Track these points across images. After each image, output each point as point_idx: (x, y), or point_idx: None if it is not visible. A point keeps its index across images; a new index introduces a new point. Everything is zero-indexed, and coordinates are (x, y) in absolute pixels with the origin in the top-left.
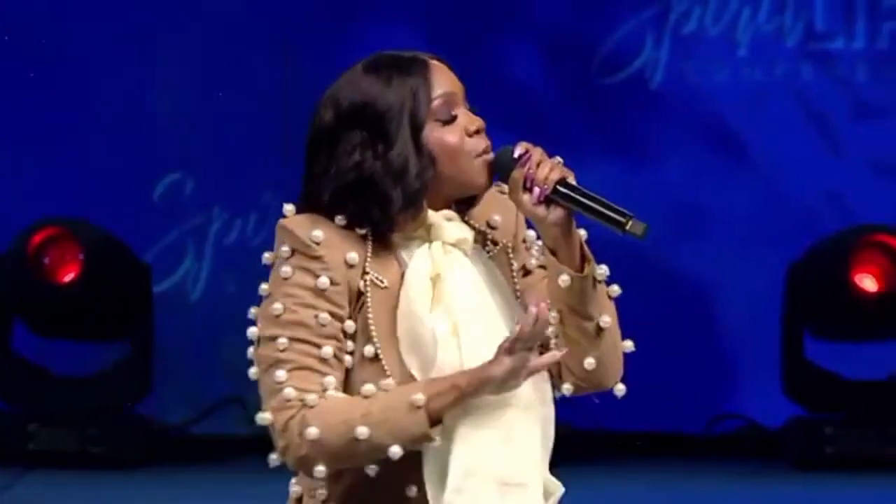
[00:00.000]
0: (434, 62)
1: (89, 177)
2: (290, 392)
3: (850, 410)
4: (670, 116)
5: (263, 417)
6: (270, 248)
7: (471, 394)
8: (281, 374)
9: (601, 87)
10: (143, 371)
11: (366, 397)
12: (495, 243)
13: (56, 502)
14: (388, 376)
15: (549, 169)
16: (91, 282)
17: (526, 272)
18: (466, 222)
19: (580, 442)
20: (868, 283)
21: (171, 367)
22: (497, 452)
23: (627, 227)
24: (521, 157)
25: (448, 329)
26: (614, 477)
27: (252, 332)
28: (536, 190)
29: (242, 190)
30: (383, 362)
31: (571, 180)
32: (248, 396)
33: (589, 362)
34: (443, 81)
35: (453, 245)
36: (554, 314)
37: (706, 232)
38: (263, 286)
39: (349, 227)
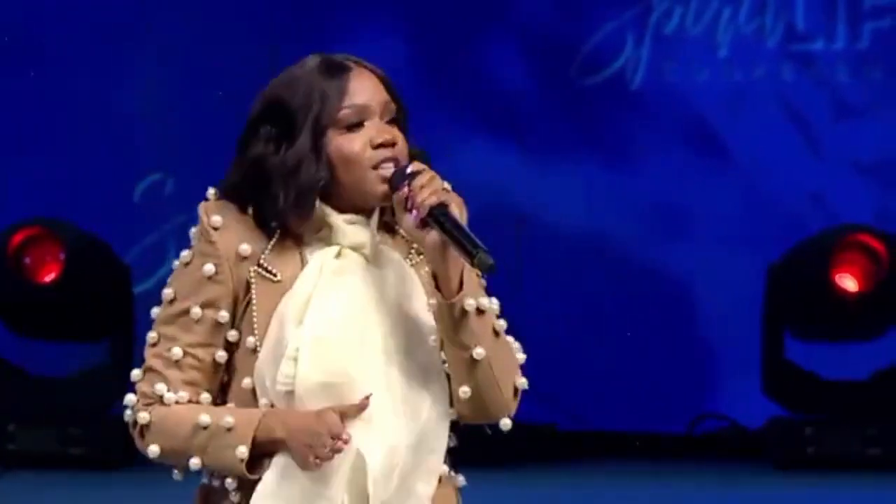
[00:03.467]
0: (359, 70)
1: (70, 177)
2: (130, 398)
3: (831, 411)
4: (651, 117)
5: (127, 414)
6: None
7: (289, 452)
8: (136, 372)
9: (582, 88)
10: (123, 372)
11: (204, 427)
12: (420, 254)
13: (35, 503)
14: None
15: (428, 193)
16: (72, 282)
17: None
18: (395, 229)
19: (563, 442)
20: (848, 283)
21: None
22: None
23: (475, 261)
24: (410, 175)
25: (298, 343)
26: (597, 477)
27: (153, 310)
28: (414, 212)
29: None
30: (258, 355)
31: (454, 208)
32: None
33: (463, 391)
34: (360, 91)
35: (353, 249)
36: (434, 337)
37: (687, 232)
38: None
39: (258, 218)
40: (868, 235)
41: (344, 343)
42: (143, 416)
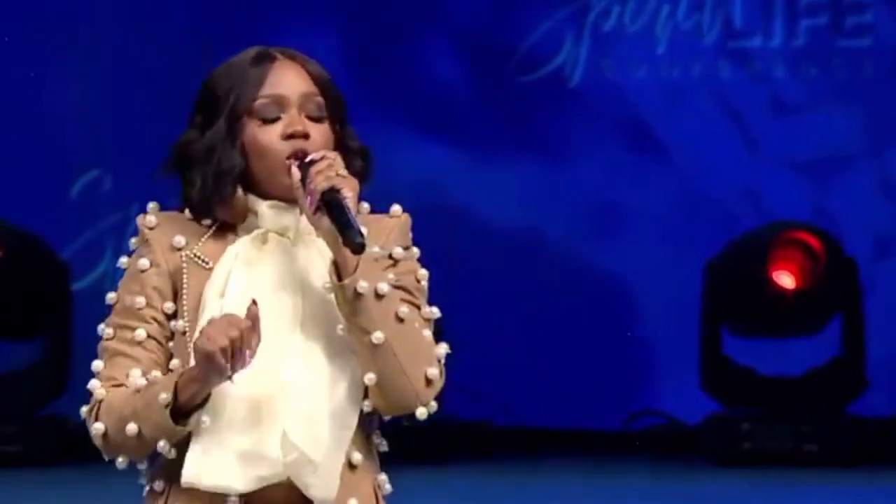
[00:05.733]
0: (284, 61)
1: (7, 175)
2: (93, 384)
3: (767, 406)
4: (589, 114)
5: (83, 410)
6: None
7: (205, 383)
8: (98, 363)
9: (520, 85)
10: (59, 369)
11: (137, 391)
12: None
13: None
14: (191, 352)
15: (321, 178)
16: (8, 280)
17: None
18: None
19: (500, 439)
20: (785, 279)
21: (88, 366)
22: (239, 431)
23: (346, 241)
24: (310, 162)
25: (216, 311)
26: (534, 474)
27: (101, 327)
28: (308, 198)
29: (161, 188)
30: (187, 337)
31: (347, 192)
32: None
33: (369, 377)
34: (279, 81)
35: (278, 233)
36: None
37: (625, 230)
38: None
39: (196, 219)
40: (805, 232)
41: (261, 313)
42: (101, 393)
